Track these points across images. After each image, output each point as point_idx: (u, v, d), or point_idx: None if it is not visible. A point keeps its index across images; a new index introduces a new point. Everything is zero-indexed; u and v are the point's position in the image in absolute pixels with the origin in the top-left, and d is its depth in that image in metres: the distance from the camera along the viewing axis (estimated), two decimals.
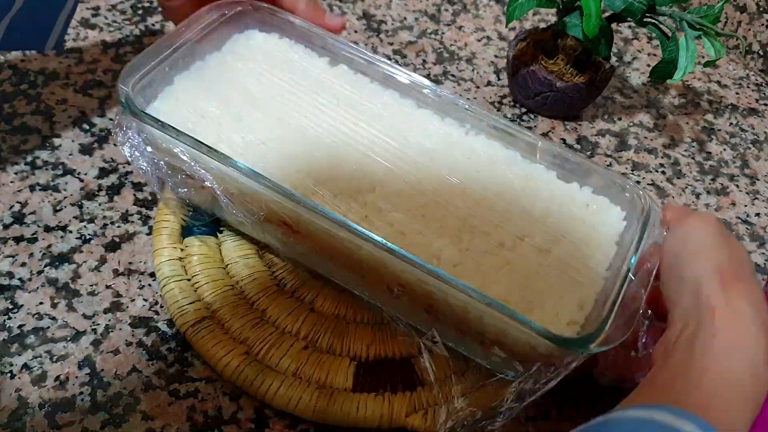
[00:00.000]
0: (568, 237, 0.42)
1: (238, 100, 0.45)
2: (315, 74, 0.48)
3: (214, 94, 0.45)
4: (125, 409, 0.40)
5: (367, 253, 0.39)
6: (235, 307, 0.44)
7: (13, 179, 0.50)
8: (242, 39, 0.49)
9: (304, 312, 0.45)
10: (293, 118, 0.44)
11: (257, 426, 0.41)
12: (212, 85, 0.45)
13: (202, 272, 0.45)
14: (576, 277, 0.40)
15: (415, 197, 0.42)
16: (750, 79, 0.74)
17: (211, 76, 0.46)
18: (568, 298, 0.39)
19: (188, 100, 0.44)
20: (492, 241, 0.41)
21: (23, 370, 0.41)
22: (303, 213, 0.39)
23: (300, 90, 0.46)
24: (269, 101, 0.45)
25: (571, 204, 0.44)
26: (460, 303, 0.38)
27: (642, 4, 0.54)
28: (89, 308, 0.44)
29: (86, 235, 0.48)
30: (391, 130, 0.45)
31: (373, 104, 0.47)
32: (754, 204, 0.61)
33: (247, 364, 0.41)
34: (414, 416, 0.41)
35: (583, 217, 0.43)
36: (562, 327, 0.37)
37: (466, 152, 0.45)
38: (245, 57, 0.48)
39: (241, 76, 0.46)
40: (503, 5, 0.76)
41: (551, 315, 0.38)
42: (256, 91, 0.45)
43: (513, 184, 0.44)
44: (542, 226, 0.42)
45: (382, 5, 0.73)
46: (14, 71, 0.58)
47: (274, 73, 0.47)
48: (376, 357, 0.44)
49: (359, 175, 0.42)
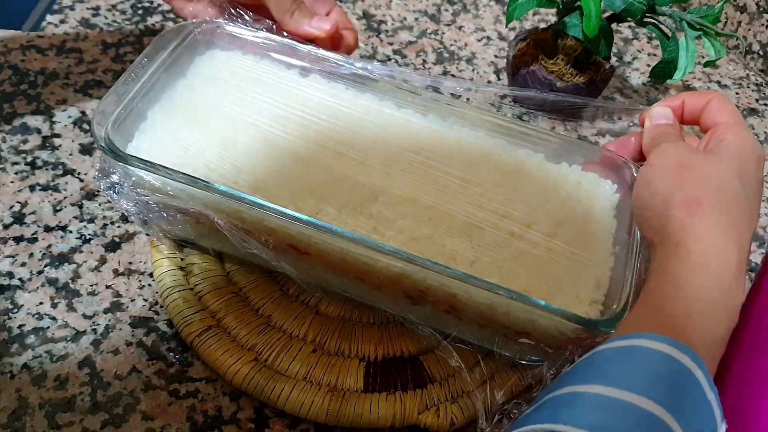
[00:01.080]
0: (570, 218, 0.42)
1: (218, 125, 0.44)
2: (288, 88, 0.47)
3: (192, 122, 0.44)
4: (125, 409, 0.40)
5: (385, 265, 0.39)
6: (240, 314, 0.44)
7: (13, 179, 0.50)
8: (205, 61, 0.48)
9: (310, 315, 0.45)
10: (278, 137, 0.44)
11: (257, 426, 0.41)
12: (187, 114, 0.44)
13: (204, 281, 0.45)
14: (587, 257, 0.41)
15: (418, 200, 0.42)
16: (750, 79, 0.74)
17: (184, 103, 0.45)
18: (584, 279, 0.40)
19: (167, 133, 0.43)
20: (501, 233, 0.41)
21: (23, 370, 0.41)
22: (313, 235, 0.39)
23: (277, 106, 0.45)
24: (249, 122, 0.44)
25: (564, 185, 0.44)
26: (485, 301, 0.38)
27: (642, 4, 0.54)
28: (89, 308, 0.44)
29: (86, 235, 0.48)
30: (378, 134, 0.45)
31: (354, 111, 0.46)
32: None
33: (257, 370, 0.41)
34: (426, 414, 0.41)
35: (579, 196, 0.44)
36: (585, 308, 0.38)
37: (455, 146, 0.45)
38: (213, 78, 0.46)
39: (214, 100, 0.45)
40: (503, 5, 0.76)
41: (572, 298, 0.39)
42: (233, 113, 0.44)
43: (506, 172, 0.45)
44: (544, 211, 0.42)
45: (382, 5, 0.73)
46: (14, 71, 0.58)
47: (246, 92, 0.46)
48: (385, 356, 0.44)
49: (359, 186, 0.42)
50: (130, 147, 0.42)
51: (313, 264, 0.42)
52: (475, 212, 0.42)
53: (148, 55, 0.45)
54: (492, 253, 0.40)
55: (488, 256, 0.40)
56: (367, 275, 0.41)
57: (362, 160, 0.43)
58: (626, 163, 0.44)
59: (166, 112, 0.44)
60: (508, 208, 0.42)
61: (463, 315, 0.41)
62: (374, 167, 0.43)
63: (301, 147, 0.43)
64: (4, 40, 0.60)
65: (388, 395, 0.42)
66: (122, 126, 0.42)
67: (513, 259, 0.40)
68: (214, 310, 0.44)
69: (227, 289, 0.45)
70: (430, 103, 0.47)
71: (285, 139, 0.44)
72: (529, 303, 0.36)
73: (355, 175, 0.42)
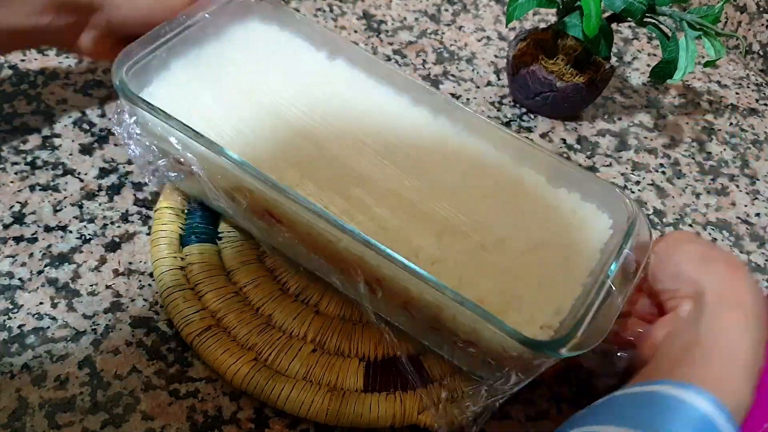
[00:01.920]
0: (553, 242, 0.42)
1: (232, 90, 0.45)
2: (311, 68, 0.48)
3: (210, 82, 0.45)
4: (125, 409, 0.40)
5: (346, 245, 0.39)
6: (240, 313, 0.44)
7: (13, 179, 0.50)
8: (242, 29, 0.49)
9: (310, 315, 0.45)
10: (285, 111, 0.45)
11: (257, 426, 0.41)
12: (208, 74, 0.46)
13: (204, 280, 0.45)
14: (556, 281, 0.40)
15: (402, 195, 0.42)
16: (750, 79, 0.74)
17: (208, 64, 0.46)
18: (545, 302, 0.39)
19: (183, 86, 0.44)
20: (472, 242, 0.41)
21: (23, 370, 0.41)
22: (285, 203, 0.40)
23: (295, 83, 0.46)
24: (263, 93, 0.45)
25: (558, 209, 0.44)
26: (434, 301, 0.38)
27: (642, 4, 0.54)
28: (89, 308, 0.44)
29: (86, 235, 0.48)
30: (383, 126, 0.45)
31: (367, 100, 0.47)
32: (754, 204, 0.61)
33: (256, 370, 0.41)
34: (426, 413, 0.41)
35: (570, 223, 0.43)
36: (536, 330, 0.37)
37: (457, 152, 0.45)
38: (243, 47, 0.48)
39: (237, 67, 0.46)
40: (503, 5, 0.76)
41: (527, 318, 0.38)
42: (250, 82, 0.46)
43: (501, 185, 0.44)
44: (527, 230, 0.42)
45: (382, 5, 0.73)
46: (14, 71, 0.58)
47: (270, 65, 0.47)
48: (385, 356, 0.44)
49: (347, 169, 0.43)
50: (145, 92, 0.43)
51: (284, 233, 0.43)
52: (454, 216, 0.41)
53: (187, 12, 0.46)
54: (458, 259, 0.40)
55: (453, 261, 0.39)
56: (330, 254, 0.41)
57: (360, 146, 0.44)
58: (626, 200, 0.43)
59: (189, 68, 0.46)
60: (489, 220, 0.42)
61: (416, 312, 0.41)
62: (369, 155, 0.43)
63: (302, 123, 0.44)
64: None
65: (388, 395, 0.42)
66: (144, 72, 0.43)
67: (478, 268, 0.40)
68: (214, 309, 0.44)
69: (227, 288, 0.45)
70: (445, 105, 0.47)
71: (291, 114, 0.45)
72: (470, 309, 0.36)
73: (347, 159, 0.43)
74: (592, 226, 0.43)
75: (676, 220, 0.58)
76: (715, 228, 0.58)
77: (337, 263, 0.42)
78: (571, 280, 0.40)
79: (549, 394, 0.45)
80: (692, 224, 0.58)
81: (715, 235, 0.58)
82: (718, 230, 0.58)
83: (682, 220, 0.58)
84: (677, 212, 0.59)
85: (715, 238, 0.57)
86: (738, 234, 0.58)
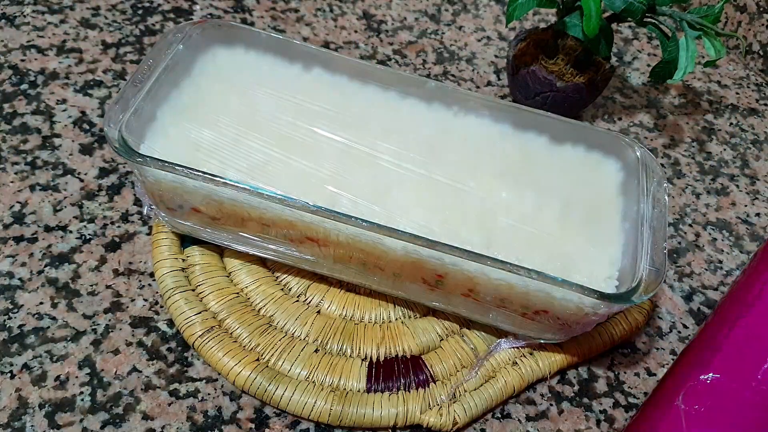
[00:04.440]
0: (577, 199, 0.43)
1: (228, 122, 0.44)
2: (292, 83, 0.47)
3: (202, 121, 0.43)
4: (125, 409, 0.40)
5: (403, 252, 0.39)
6: (242, 314, 0.44)
7: (13, 179, 0.50)
8: (209, 59, 0.48)
9: (312, 315, 0.45)
10: (288, 132, 0.44)
11: (257, 426, 0.41)
12: (196, 113, 0.44)
13: (206, 281, 0.45)
14: (597, 234, 0.42)
15: (430, 190, 0.42)
16: (750, 79, 0.74)
17: (192, 103, 0.45)
18: (597, 256, 0.41)
19: (179, 133, 0.43)
20: (513, 217, 0.42)
21: (23, 370, 0.41)
22: (330, 225, 0.39)
23: (284, 101, 0.45)
24: (259, 118, 0.44)
25: (569, 166, 0.46)
26: (504, 282, 0.39)
27: (642, 4, 0.54)
28: (89, 308, 0.44)
29: (86, 235, 0.48)
30: (385, 125, 0.45)
31: (359, 103, 0.47)
32: (754, 204, 0.61)
33: (259, 372, 0.41)
34: (429, 413, 0.41)
35: (584, 176, 0.45)
36: (600, 284, 0.39)
37: (461, 134, 0.46)
38: (218, 77, 0.46)
39: (221, 97, 0.45)
40: (503, 5, 0.76)
41: (588, 275, 0.39)
42: (241, 110, 0.45)
43: (513, 157, 0.45)
44: (553, 193, 0.43)
45: (382, 5, 0.73)
46: (14, 71, 0.58)
47: (251, 88, 0.46)
48: (387, 356, 0.44)
49: (370, 178, 0.42)
50: (143, 147, 0.41)
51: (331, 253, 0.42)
52: (486, 198, 0.42)
53: (152, 56, 0.45)
54: (503, 239, 0.40)
55: (501, 243, 0.40)
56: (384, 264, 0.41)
57: (371, 152, 0.44)
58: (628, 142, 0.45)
59: (175, 112, 0.44)
60: (517, 193, 0.43)
61: (482, 297, 0.41)
62: (383, 159, 0.43)
63: (309, 141, 0.44)
64: (4, 40, 0.60)
65: (390, 395, 0.42)
66: (133, 128, 0.41)
67: (526, 242, 0.41)
68: (215, 311, 0.44)
69: (229, 290, 0.45)
70: (434, 91, 0.47)
71: (293, 133, 0.44)
72: (552, 282, 0.37)
73: (365, 168, 0.43)
74: (603, 172, 0.46)
75: (676, 220, 0.58)
76: (715, 228, 0.58)
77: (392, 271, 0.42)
78: (609, 228, 0.42)
79: (549, 394, 0.45)
80: (692, 224, 0.58)
81: (715, 235, 0.58)
82: (718, 230, 0.58)
83: (682, 220, 0.58)
84: (677, 212, 0.59)
85: (715, 238, 0.58)
86: (738, 234, 0.58)
